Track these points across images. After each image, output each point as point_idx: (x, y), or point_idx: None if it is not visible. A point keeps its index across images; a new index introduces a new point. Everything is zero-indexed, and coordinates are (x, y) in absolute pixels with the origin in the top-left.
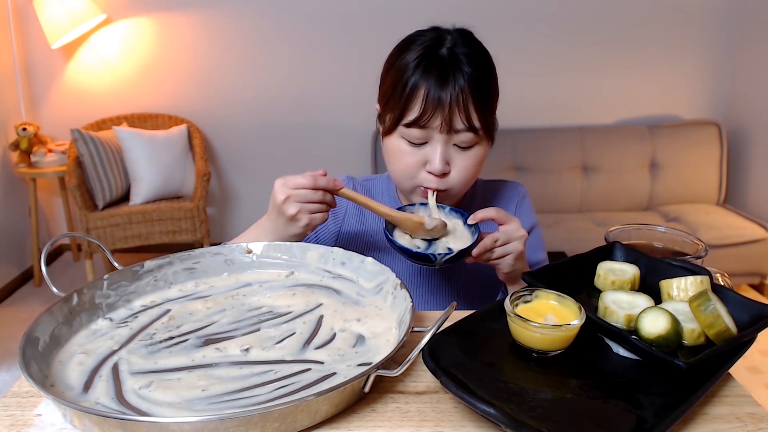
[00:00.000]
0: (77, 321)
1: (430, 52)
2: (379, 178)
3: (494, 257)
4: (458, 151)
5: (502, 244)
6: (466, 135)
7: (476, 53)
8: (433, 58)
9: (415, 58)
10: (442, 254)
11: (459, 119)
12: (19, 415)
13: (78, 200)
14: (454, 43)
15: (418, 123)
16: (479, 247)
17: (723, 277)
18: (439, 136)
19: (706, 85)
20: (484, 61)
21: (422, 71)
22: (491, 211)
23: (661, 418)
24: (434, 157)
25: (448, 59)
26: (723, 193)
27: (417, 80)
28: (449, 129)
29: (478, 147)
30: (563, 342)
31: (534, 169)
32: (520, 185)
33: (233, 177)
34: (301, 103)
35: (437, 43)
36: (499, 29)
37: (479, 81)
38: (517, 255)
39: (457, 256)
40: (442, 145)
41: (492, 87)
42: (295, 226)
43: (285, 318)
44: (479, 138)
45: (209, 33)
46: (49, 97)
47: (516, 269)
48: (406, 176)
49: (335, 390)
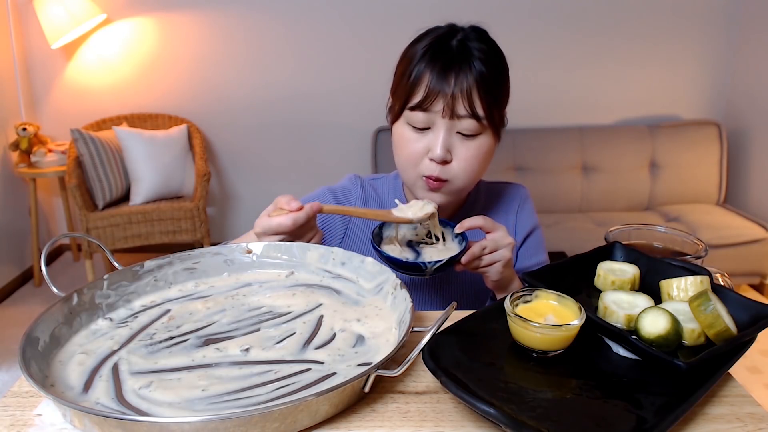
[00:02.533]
0: (77, 321)
1: (440, 41)
2: (386, 177)
3: (483, 265)
4: (461, 140)
5: (490, 251)
6: (469, 122)
7: (488, 49)
8: (442, 48)
9: (424, 47)
10: (432, 262)
11: (462, 105)
12: (19, 415)
13: (78, 200)
14: (466, 36)
15: (422, 106)
16: (468, 254)
17: (723, 277)
18: (441, 122)
19: (706, 85)
20: (495, 58)
21: (429, 58)
22: (478, 220)
23: (661, 418)
24: (436, 143)
25: (457, 50)
26: (723, 193)
27: (423, 66)
28: (452, 114)
29: (482, 137)
30: (563, 342)
31: (534, 169)
32: (522, 187)
33: (233, 177)
34: (302, 103)
35: (449, 35)
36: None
37: (487, 73)
38: (505, 262)
39: (447, 264)
40: (444, 131)
41: (501, 83)
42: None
43: (285, 318)
44: (483, 128)
45: (209, 33)
46: (49, 97)
47: (504, 277)
48: (409, 164)
49: (335, 390)
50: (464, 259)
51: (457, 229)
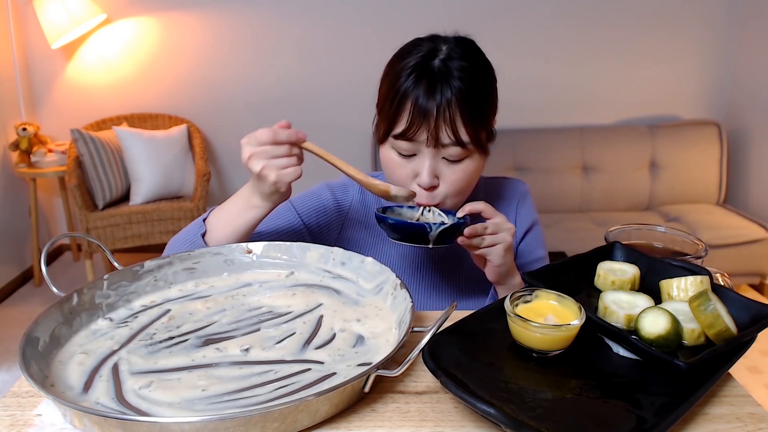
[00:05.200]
0: (77, 321)
1: (422, 62)
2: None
3: (484, 245)
4: (447, 164)
5: (492, 232)
6: (454, 149)
7: (470, 66)
8: (424, 70)
9: (408, 68)
10: (437, 225)
11: (445, 133)
12: (19, 415)
13: (78, 200)
14: (449, 54)
15: (406, 135)
16: (471, 227)
17: (723, 277)
18: (426, 150)
19: (706, 85)
20: (478, 75)
21: (412, 82)
22: (480, 205)
23: (661, 418)
24: (422, 170)
25: (438, 72)
26: (723, 193)
27: (406, 91)
28: (436, 143)
29: (468, 161)
30: (563, 342)
31: (534, 169)
32: (522, 183)
33: (233, 177)
34: (301, 103)
35: (431, 54)
36: (499, 29)
37: (468, 94)
38: (507, 246)
39: (450, 233)
40: (430, 158)
41: (484, 101)
42: (265, 185)
43: (285, 318)
44: (468, 152)
45: (209, 33)
46: (49, 97)
47: (506, 263)
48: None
49: (335, 390)
50: (467, 231)
51: (459, 213)
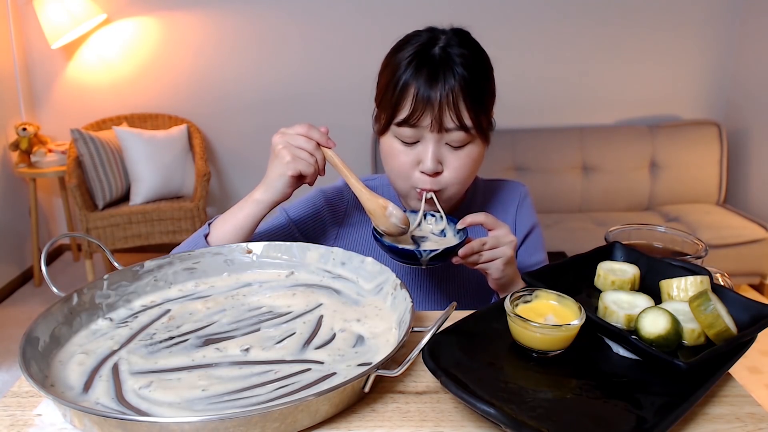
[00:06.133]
0: (77, 321)
1: (422, 51)
2: (380, 178)
3: (482, 260)
4: (451, 150)
5: (491, 248)
6: (458, 134)
7: (470, 54)
8: (425, 57)
9: (407, 57)
10: (428, 251)
11: (449, 118)
12: (19, 415)
13: (78, 200)
14: (448, 42)
15: (409, 122)
16: (466, 248)
17: (723, 277)
18: (430, 135)
19: (706, 85)
20: (478, 62)
21: (413, 70)
22: (480, 216)
23: (661, 418)
24: (426, 156)
25: (440, 58)
26: (723, 193)
27: (408, 79)
28: (440, 128)
29: (471, 146)
30: (563, 342)
31: (534, 169)
32: (521, 185)
33: (233, 177)
34: (302, 103)
35: (430, 43)
36: (498, 29)
37: (471, 81)
38: (507, 260)
39: (443, 255)
40: (433, 144)
41: (485, 88)
42: (280, 165)
43: (285, 318)
44: (471, 137)
45: (209, 33)
46: (49, 97)
47: (506, 275)
48: (400, 176)
49: (335, 390)
50: (461, 252)
51: (459, 225)
